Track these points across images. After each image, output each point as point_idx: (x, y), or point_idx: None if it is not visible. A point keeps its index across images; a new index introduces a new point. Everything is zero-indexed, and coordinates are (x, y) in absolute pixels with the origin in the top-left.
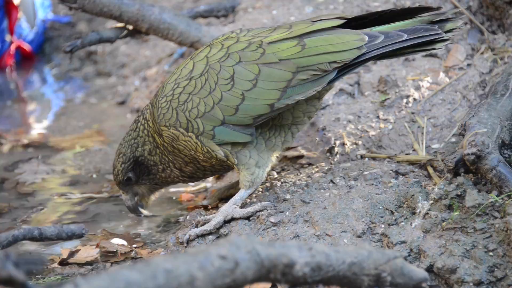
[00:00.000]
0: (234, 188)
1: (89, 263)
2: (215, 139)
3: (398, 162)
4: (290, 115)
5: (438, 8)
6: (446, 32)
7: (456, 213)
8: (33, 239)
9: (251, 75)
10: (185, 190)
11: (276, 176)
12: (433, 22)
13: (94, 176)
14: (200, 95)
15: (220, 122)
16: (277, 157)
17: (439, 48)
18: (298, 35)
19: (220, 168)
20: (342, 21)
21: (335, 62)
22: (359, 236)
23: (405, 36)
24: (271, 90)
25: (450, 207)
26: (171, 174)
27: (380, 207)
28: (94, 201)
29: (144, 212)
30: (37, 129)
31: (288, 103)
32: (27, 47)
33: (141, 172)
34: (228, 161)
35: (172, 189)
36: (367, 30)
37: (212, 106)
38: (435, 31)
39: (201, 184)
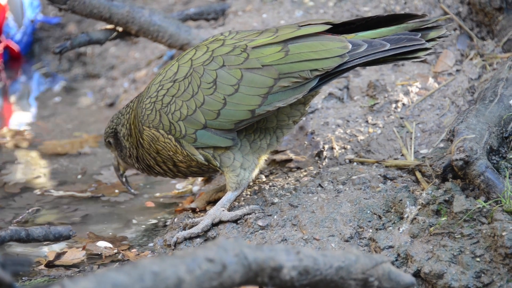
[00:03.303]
0: (222, 191)
1: (76, 265)
2: (197, 143)
3: (386, 166)
4: (274, 118)
5: (423, 16)
6: (429, 40)
7: (443, 219)
8: (20, 240)
9: (234, 80)
10: (167, 194)
11: (264, 179)
12: (417, 30)
13: (79, 176)
14: (183, 98)
15: (202, 126)
16: (265, 160)
17: (421, 58)
18: (283, 40)
19: (197, 170)
20: (328, 27)
21: (316, 70)
22: (346, 241)
23: (388, 46)
24: (253, 96)
25: (437, 212)
26: (135, 164)
27: (368, 212)
28: (81, 203)
29: (128, 186)
30: (25, 131)
31: (268, 110)
32: (15, 47)
33: (117, 144)
34: (210, 164)
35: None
36: (352, 35)
37: (194, 109)
38: (418, 41)
39: (188, 187)
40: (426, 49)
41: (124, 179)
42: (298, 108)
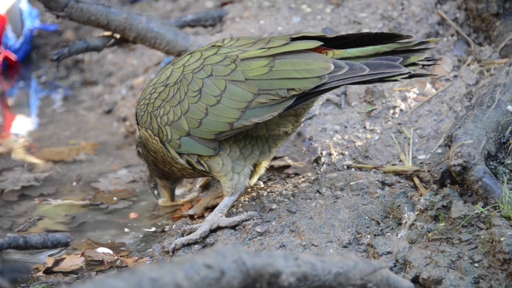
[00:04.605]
0: (220, 197)
1: (74, 271)
2: (181, 149)
3: (384, 172)
4: (264, 126)
5: (408, 37)
6: (410, 64)
7: (441, 224)
8: (18, 247)
9: (217, 90)
10: (164, 204)
11: (262, 185)
12: (402, 51)
13: (74, 184)
14: (171, 104)
15: (185, 133)
16: (265, 167)
17: (398, 80)
18: (272, 55)
19: (192, 173)
20: (320, 43)
21: (293, 89)
22: (345, 246)
23: (366, 71)
24: (232, 109)
25: (436, 218)
26: (151, 166)
27: (366, 218)
28: (79, 210)
29: (159, 199)
30: (23, 137)
31: (246, 124)
32: (13, 57)
33: (143, 152)
34: (196, 169)
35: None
36: (341, 51)
37: (179, 116)
38: (396, 69)
39: (192, 194)
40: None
41: (153, 190)
42: (288, 119)
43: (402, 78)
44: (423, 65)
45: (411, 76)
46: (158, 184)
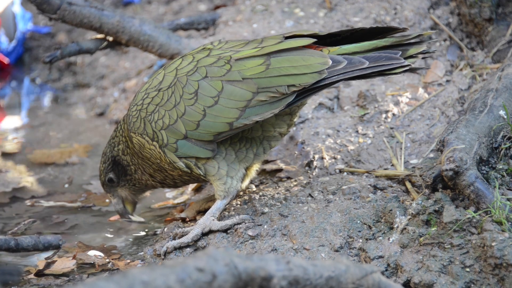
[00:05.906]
0: (212, 200)
1: (66, 274)
2: (178, 152)
3: (376, 177)
4: (259, 128)
5: (405, 30)
6: (409, 56)
7: (433, 229)
8: (9, 249)
9: (214, 91)
10: (161, 204)
11: (254, 189)
12: (399, 45)
13: (66, 186)
14: (166, 107)
15: (182, 136)
16: (256, 170)
17: (398, 73)
18: (267, 53)
19: (189, 179)
20: (313, 40)
21: (293, 85)
22: (336, 250)
23: (366, 64)
24: (231, 109)
25: (427, 223)
26: (142, 176)
27: (358, 222)
28: (71, 212)
29: (133, 218)
30: (15, 139)
31: (246, 123)
32: (6, 60)
33: (119, 172)
34: (193, 172)
35: (152, 200)
36: (336, 48)
37: (175, 119)
38: (396, 60)
39: (184, 197)
40: (403, 66)
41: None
42: (283, 119)
43: (402, 71)
44: (422, 58)
45: (409, 69)
46: (123, 199)
